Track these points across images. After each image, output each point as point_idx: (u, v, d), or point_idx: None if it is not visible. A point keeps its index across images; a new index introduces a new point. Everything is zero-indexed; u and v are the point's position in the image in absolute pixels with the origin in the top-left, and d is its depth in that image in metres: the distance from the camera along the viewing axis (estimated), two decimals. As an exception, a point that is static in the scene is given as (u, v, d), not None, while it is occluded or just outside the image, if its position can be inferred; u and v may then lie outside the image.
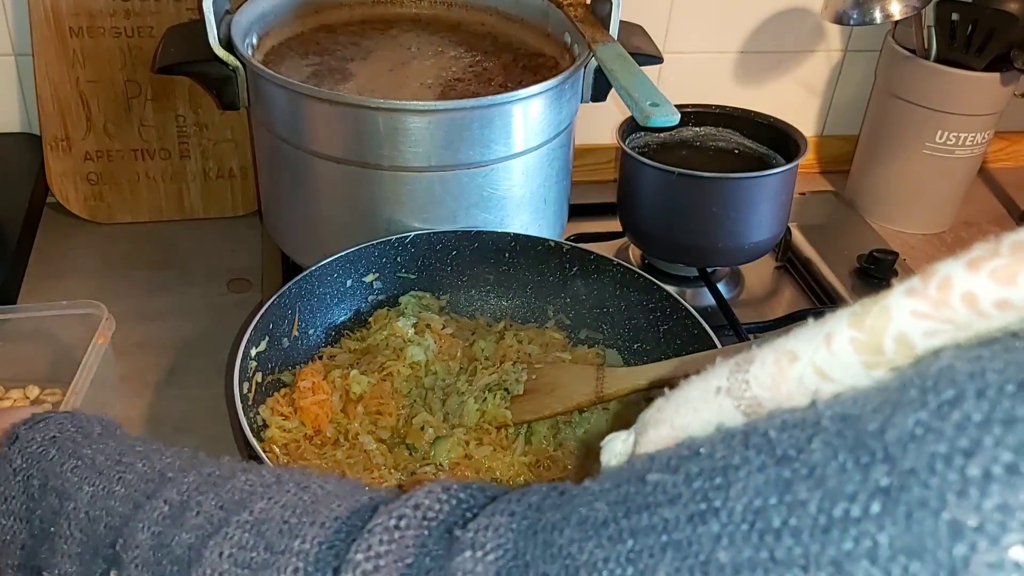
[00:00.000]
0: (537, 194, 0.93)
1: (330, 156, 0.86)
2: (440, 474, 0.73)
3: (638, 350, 0.86)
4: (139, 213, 1.13)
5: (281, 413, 0.76)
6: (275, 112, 0.88)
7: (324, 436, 0.76)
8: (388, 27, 1.04)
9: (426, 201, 0.88)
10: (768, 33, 1.25)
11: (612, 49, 0.87)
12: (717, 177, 0.96)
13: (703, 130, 1.09)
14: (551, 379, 0.80)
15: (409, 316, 0.87)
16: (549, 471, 0.75)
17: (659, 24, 1.21)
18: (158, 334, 0.96)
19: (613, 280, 0.87)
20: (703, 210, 0.97)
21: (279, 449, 0.73)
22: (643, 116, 0.76)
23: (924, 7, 1.11)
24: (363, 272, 0.87)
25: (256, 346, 0.76)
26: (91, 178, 1.10)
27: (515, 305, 0.92)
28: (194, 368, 0.92)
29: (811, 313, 1.01)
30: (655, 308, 0.84)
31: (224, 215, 1.15)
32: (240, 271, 1.06)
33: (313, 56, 0.96)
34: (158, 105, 1.08)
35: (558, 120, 0.90)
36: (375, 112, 0.82)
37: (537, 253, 0.90)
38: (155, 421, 0.86)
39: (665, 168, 0.96)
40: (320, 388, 0.79)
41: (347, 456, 0.73)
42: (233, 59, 0.88)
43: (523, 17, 1.04)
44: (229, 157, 1.12)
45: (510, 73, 0.96)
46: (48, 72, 1.04)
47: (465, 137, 0.84)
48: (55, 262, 1.06)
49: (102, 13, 1.02)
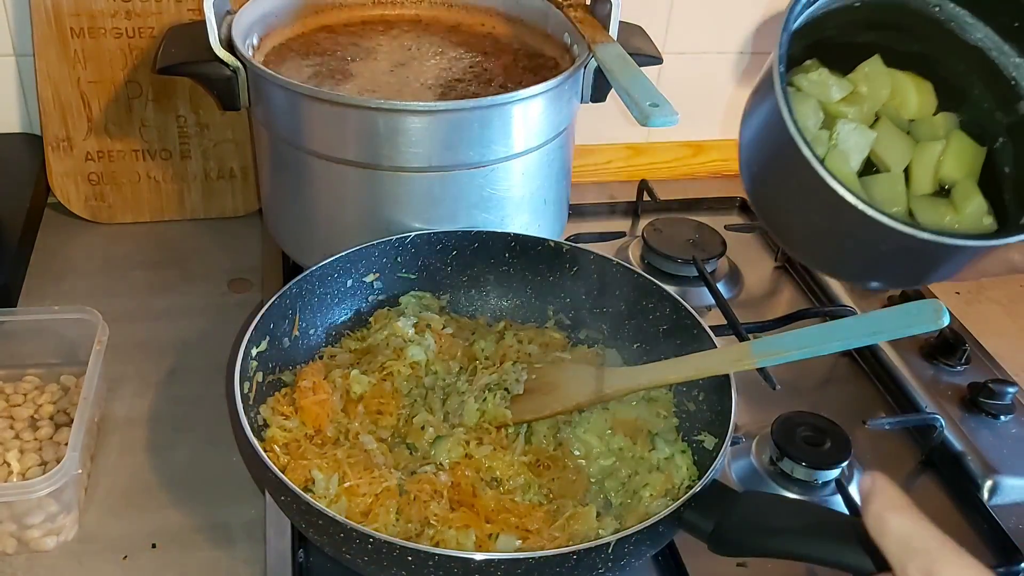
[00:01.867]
0: (537, 194, 0.93)
1: (331, 156, 0.86)
2: (440, 474, 0.73)
3: (638, 350, 0.86)
4: (140, 213, 1.13)
5: (282, 413, 0.77)
6: (276, 113, 0.89)
7: (324, 436, 0.76)
8: (388, 28, 1.05)
9: (426, 201, 0.88)
10: (768, 33, 1.25)
11: (612, 49, 0.87)
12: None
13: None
14: (551, 379, 0.80)
15: (409, 316, 0.87)
16: (549, 470, 0.75)
17: (659, 24, 1.21)
18: (159, 334, 0.96)
19: (613, 280, 0.87)
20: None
21: (279, 449, 0.73)
22: (643, 116, 0.76)
23: (923, 7, 1.11)
24: (363, 272, 0.87)
25: (257, 346, 0.76)
26: (92, 178, 1.10)
27: (515, 305, 0.92)
28: (195, 368, 0.93)
29: (811, 313, 1.02)
30: (655, 308, 0.84)
31: (225, 215, 1.15)
32: (241, 271, 1.07)
33: (314, 57, 0.97)
34: (159, 105, 1.08)
35: (558, 120, 0.91)
36: (375, 112, 0.82)
37: (537, 253, 0.90)
38: (156, 421, 0.87)
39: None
40: (321, 388, 0.79)
41: (347, 455, 0.73)
42: (234, 60, 0.88)
43: (523, 18, 1.04)
44: (230, 157, 1.12)
45: (510, 74, 0.96)
46: (49, 72, 1.04)
47: (465, 137, 0.84)
48: (56, 262, 1.06)
49: (103, 14, 1.02)
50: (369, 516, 0.69)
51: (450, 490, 0.72)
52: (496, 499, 0.71)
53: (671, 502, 0.66)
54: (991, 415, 0.89)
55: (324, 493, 0.70)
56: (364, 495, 0.70)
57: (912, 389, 0.93)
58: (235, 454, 0.83)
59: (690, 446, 0.78)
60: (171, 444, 0.84)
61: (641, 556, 0.67)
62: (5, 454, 0.79)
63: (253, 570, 0.73)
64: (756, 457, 0.85)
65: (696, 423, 0.79)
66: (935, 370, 0.94)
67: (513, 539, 0.68)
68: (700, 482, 0.65)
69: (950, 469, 0.86)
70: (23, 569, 0.72)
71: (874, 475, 0.48)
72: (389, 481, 0.71)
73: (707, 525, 0.63)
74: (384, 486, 0.70)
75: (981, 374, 0.93)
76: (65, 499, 0.73)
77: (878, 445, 0.88)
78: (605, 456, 0.77)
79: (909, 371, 0.94)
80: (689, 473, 0.75)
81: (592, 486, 0.75)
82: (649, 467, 0.75)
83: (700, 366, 0.75)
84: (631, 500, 0.73)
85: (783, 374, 0.91)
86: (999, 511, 0.82)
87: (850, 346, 0.89)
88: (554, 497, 0.73)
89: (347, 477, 0.70)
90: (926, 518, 0.45)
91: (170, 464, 0.82)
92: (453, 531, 0.68)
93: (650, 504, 0.71)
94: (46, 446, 0.80)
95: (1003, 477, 0.83)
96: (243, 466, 0.82)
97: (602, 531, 0.70)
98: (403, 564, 0.60)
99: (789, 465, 0.82)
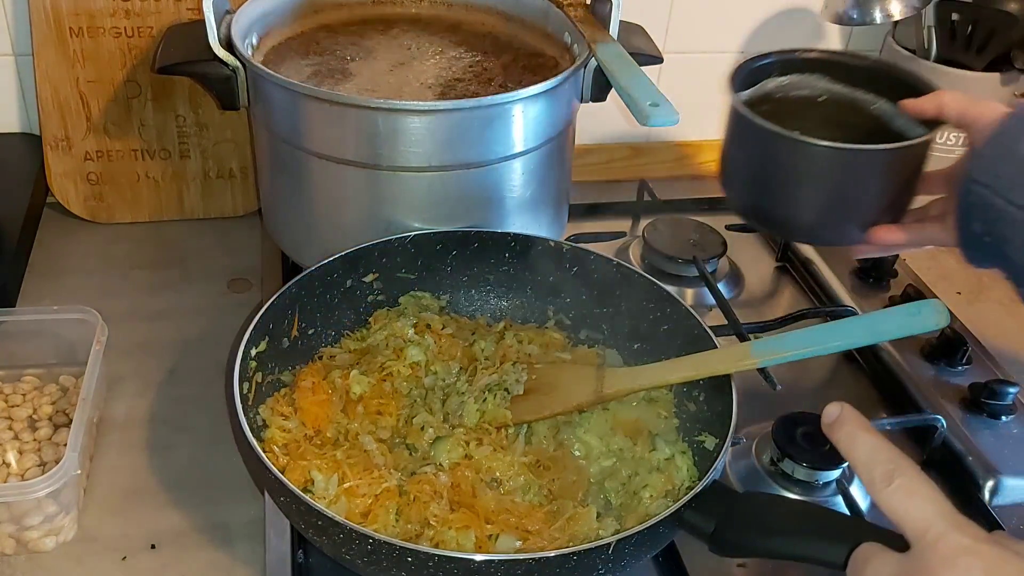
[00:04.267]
0: (537, 194, 0.93)
1: (330, 156, 0.86)
2: (440, 474, 0.73)
3: (638, 350, 0.86)
4: (139, 213, 1.13)
5: (281, 413, 0.76)
6: (275, 112, 0.89)
7: (324, 436, 0.76)
8: (388, 27, 1.04)
9: (426, 201, 0.88)
10: (768, 33, 1.25)
11: (612, 49, 0.87)
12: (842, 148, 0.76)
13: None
14: (551, 379, 0.80)
15: (409, 316, 0.87)
16: (549, 471, 0.75)
17: (659, 24, 1.21)
18: (158, 334, 0.96)
19: (613, 280, 0.87)
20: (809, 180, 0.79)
21: (279, 449, 0.73)
22: (643, 116, 0.76)
23: (924, 7, 1.11)
24: (363, 272, 0.87)
25: (256, 346, 0.76)
26: (91, 178, 1.10)
27: (515, 305, 0.92)
28: (194, 368, 0.92)
29: (811, 313, 1.02)
30: (655, 308, 0.84)
31: (224, 215, 1.15)
32: (240, 271, 1.06)
33: (313, 56, 0.96)
34: (158, 105, 1.08)
35: (558, 120, 0.90)
36: (375, 112, 0.82)
37: (537, 253, 0.90)
38: (155, 421, 0.86)
39: (786, 134, 0.76)
40: (320, 388, 0.79)
41: (347, 456, 0.73)
42: (233, 59, 0.88)
43: (523, 17, 1.04)
44: (229, 157, 1.12)
45: (510, 73, 0.96)
46: (48, 72, 1.04)
47: (465, 137, 0.84)
48: (55, 262, 1.06)
49: (102, 13, 1.02)
50: (369, 517, 0.69)
51: (450, 491, 0.71)
52: (496, 499, 0.71)
53: (671, 503, 0.66)
54: (992, 415, 0.89)
55: (323, 494, 0.70)
56: (364, 496, 0.69)
57: (913, 389, 0.92)
58: (235, 454, 0.83)
59: (690, 447, 0.77)
60: (170, 444, 0.84)
61: (641, 557, 0.67)
62: (4, 455, 0.79)
63: (252, 570, 0.73)
64: (756, 457, 0.84)
65: (697, 423, 0.79)
66: (936, 370, 0.94)
67: (513, 539, 0.68)
68: (701, 483, 0.65)
69: (951, 470, 0.86)
70: (22, 570, 0.72)
71: (842, 404, 0.56)
72: (389, 482, 0.71)
73: (707, 525, 0.63)
74: (384, 487, 0.70)
75: (982, 374, 0.93)
76: (64, 500, 0.73)
77: (879, 445, 0.88)
78: (606, 457, 0.76)
79: (910, 371, 0.94)
80: (689, 474, 0.75)
81: (592, 487, 0.75)
82: (649, 468, 0.75)
83: (700, 366, 0.75)
84: (631, 501, 0.73)
85: (784, 374, 0.91)
86: (1000, 511, 0.82)
87: (851, 346, 0.90)
88: (554, 497, 0.73)
89: (347, 478, 0.70)
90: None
91: (169, 464, 0.82)
92: (453, 532, 0.67)
93: (650, 505, 0.71)
94: (45, 446, 0.80)
95: (1004, 477, 0.83)
96: (243, 466, 0.81)
97: (602, 532, 0.70)
98: (403, 565, 0.60)
99: (790, 465, 0.82)
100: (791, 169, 0.78)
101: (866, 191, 0.78)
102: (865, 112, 0.87)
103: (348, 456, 0.73)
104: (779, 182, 0.80)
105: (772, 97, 0.89)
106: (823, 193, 0.79)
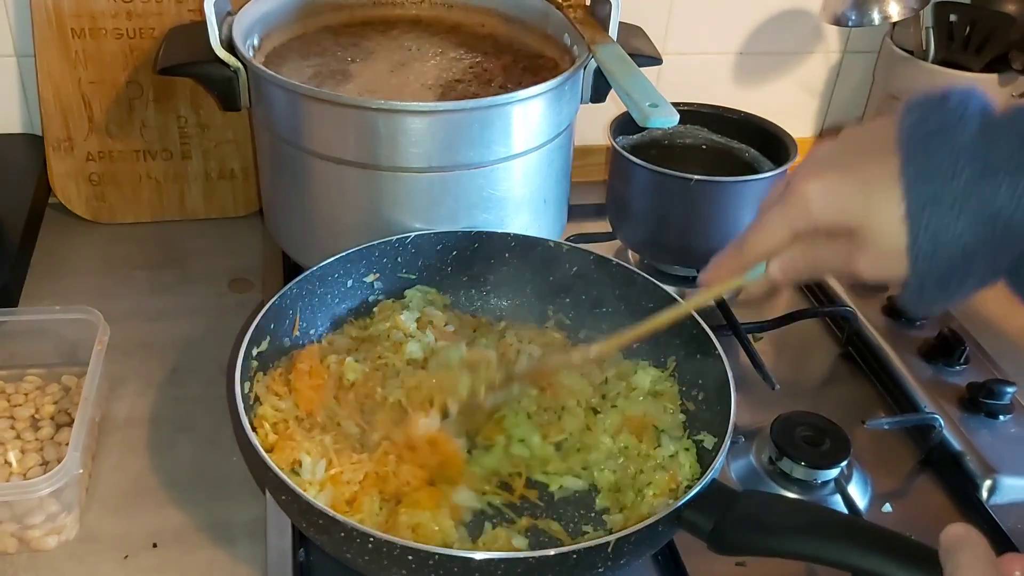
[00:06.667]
0: (537, 194, 0.94)
1: (331, 157, 0.87)
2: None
3: (638, 350, 0.86)
4: (141, 213, 1.13)
5: (275, 392, 0.77)
6: (276, 113, 0.89)
7: (314, 420, 0.76)
8: (389, 28, 1.05)
9: (426, 201, 0.88)
10: (767, 34, 1.26)
11: (611, 50, 0.87)
12: (732, 182, 0.97)
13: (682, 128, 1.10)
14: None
15: (413, 310, 0.87)
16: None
17: (659, 25, 1.21)
18: (160, 334, 0.96)
19: (613, 280, 0.87)
20: (706, 212, 0.98)
21: (269, 427, 0.73)
22: (642, 117, 0.76)
23: (922, 8, 1.11)
24: (364, 272, 0.87)
25: (257, 346, 0.77)
26: (93, 178, 1.10)
27: (515, 305, 0.93)
28: (196, 368, 0.93)
29: (810, 313, 1.02)
30: (655, 308, 0.84)
31: (226, 215, 1.15)
32: (241, 271, 1.07)
33: (314, 57, 0.97)
34: (160, 106, 1.08)
35: (558, 121, 0.91)
36: (376, 113, 0.82)
37: (537, 253, 0.90)
38: (157, 421, 0.87)
39: (681, 176, 0.96)
40: (317, 372, 0.79)
41: (334, 442, 0.73)
42: (235, 60, 0.88)
43: (523, 18, 1.05)
44: (230, 158, 1.12)
45: (510, 74, 0.96)
46: (50, 73, 1.04)
47: (465, 138, 0.85)
48: (57, 262, 1.06)
49: (104, 14, 1.02)
50: (354, 505, 0.69)
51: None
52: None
53: (673, 501, 0.66)
54: (990, 415, 0.89)
55: (311, 478, 0.70)
56: (348, 483, 0.70)
57: (911, 389, 0.93)
58: (236, 454, 0.83)
59: (693, 444, 0.78)
60: (172, 444, 0.85)
61: (641, 556, 0.67)
62: (6, 454, 0.79)
63: (253, 569, 0.74)
64: (755, 457, 0.85)
65: (696, 423, 0.79)
66: (934, 370, 0.94)
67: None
68: (699, 482, 0.65)
69: (949, 469, 0.86)
70: (24, 569, 0.72)
71: (968, 528, 0.50)
72: (369, 467, 0.71)
73: (706, 524, 0.63)
74: (366, 472, 0.71)
75: (980, 374, 0.93)
76: (66, 499, 0.73)
77: (877, 445, 0.88)
78: (613, 456, 0.77)
79: (908, 371, 0.94)
80: (692, 471, 0.75)
81: (595, 488, 0.76)
82: (654, 465, 0.75)
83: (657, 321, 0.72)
84: (635, 499, 0.73)
85: (783, 374, 0.92)
86: (998, 511, 0.82)
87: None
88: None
89: (333, 464, 0.71)
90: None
91: (171, 464, 0.82)
92: (425, 493, 0.69)
93: (652, 503, 0.72)
94: (47, 446, 0.80)
95: (1002, 477, 0.83)
96: (244, 465, 0.82)
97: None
98: (403, 563, 0.60)
99: (788, 465, 0.82)
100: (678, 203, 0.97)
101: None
102: (740, 160, 1.06)
103: (335, 442, 0.73)
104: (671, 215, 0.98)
105: (660, 143, 1.09)
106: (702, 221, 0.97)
